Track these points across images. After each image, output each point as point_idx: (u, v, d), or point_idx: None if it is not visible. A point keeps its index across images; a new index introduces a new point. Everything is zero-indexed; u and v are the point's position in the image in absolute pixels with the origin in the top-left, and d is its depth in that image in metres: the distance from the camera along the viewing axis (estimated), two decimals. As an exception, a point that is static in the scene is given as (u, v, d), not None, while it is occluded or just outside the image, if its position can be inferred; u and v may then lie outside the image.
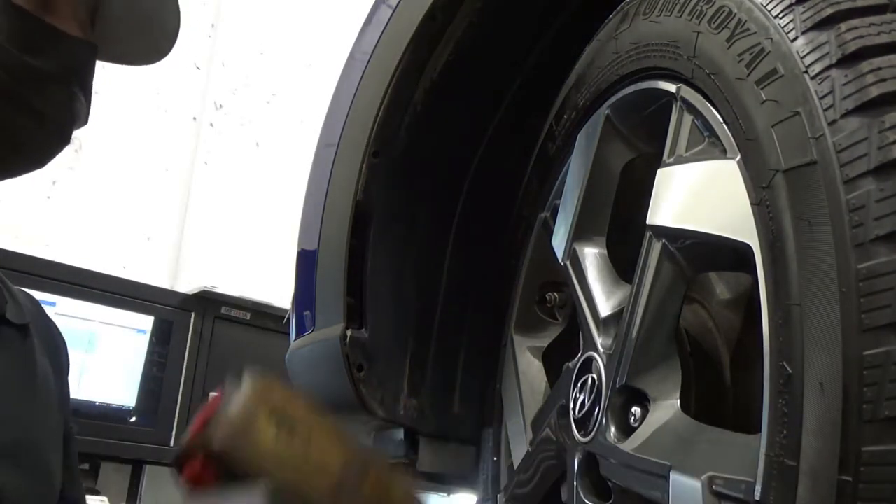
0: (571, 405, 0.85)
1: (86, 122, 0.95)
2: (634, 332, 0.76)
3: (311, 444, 0.61)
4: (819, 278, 0.53)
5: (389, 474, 0.67)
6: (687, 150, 0.74)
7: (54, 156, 0.93)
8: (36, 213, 2.87)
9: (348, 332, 1.10)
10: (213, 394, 0.61)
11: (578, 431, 0.83)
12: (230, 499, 0.58)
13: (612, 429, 0.77)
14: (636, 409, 0.76)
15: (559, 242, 0.96)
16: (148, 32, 1.00)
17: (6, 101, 0.85)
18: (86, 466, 2.43)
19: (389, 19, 1.10)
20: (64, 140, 0.93)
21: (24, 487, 0.89)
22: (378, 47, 1.12)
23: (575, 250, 0.92)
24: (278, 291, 2.81)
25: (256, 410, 0.60)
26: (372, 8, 1.17)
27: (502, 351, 1.12)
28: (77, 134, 0.96)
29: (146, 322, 2.68)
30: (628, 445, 0.74)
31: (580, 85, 1.00)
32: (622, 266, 0.88)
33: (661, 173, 0.76)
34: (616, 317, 0.82)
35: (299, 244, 1.27)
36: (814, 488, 0.50)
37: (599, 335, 0.84)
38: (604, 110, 0.92)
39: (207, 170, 3.31)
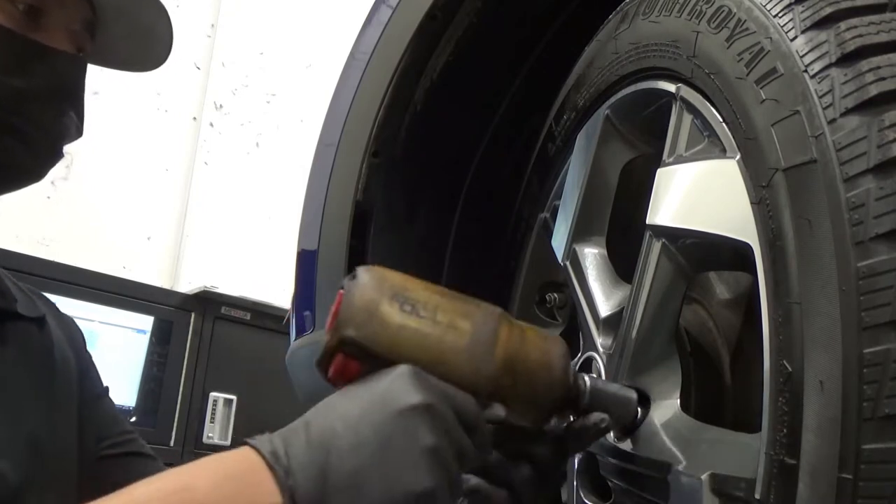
0: (571, 405, 0.85)
1: (79, 135, 0.96)
2: (634, 332, 0.76)
3: (437, 316, 0.63)
4: (819, 276, 0.53)
5: (520, 325, 0.67)
6: (687, 150, 0.75)
7: (46, 171, 0.94)
8: (36, 213, 2.88)
9: (348, 332, 1.10)
10: (339, 290, 0.64)
11: (578, 431, 0.83)
12: (377, 381, 0.60)
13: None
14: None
15: (559, 242, 0.96)
16: (143, 41, 1.02)
17: None
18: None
19: (389, 19, 1.10)
20: (53, 156, 0.94)
21: (43, 475, 0.90)
22: (378, 47, 1.12)
23: (575, 250, 0.92)
24: (278, 291, 2.82)
25: (378, 296, 0.62)
26: (372, 8, 1.17)
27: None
28: (68, 148, 0.97)
29: (146, 322, 2.69)
30: (628, 445, 0.74)
31: (580, 85, 1.00)
32: (622, 266, 0.88)
33: (661, 173, 0.76)
34: (616, 317, 0.82)
35: (299, 244, 1.27)
36: (814, 486, 0.50)
37: (599, 335, 0.84)
38: (603, 110, 0.92)
39: (207, 170, 3.32)
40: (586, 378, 0.70)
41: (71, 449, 0.99)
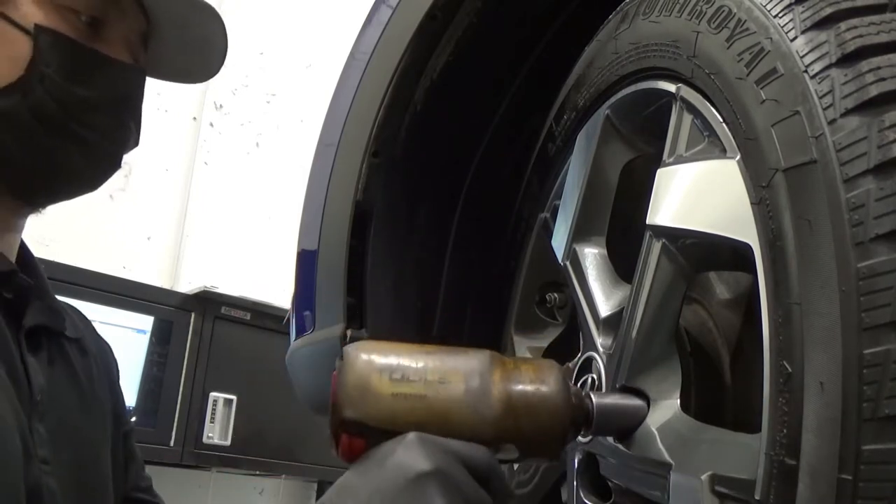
0: (571, 405, 0.85)
1: (136, 145, 0.97)
2: (634, 332, 0.76)
3: (428, 375, 0.65)
4: (819, 277, 0.53)
5: (513, 361, 0.69)
6: (687, 150, 0.74)
7: (104, 180, 0.96)
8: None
9: (348, 332, 1.10)
10: (334, 372, 0.66)
11: (578, 431, 0.83)
12: (385, 454, 0.62)
13: (612, 428, 0.77)
14: (636, 409, 0.76)
15: (559, 242, 0.96)
16: (197, 51, 1.02)
17: (54, 131, 0.87)
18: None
19: (389, 19, 1.10)
20: (113, 165, 0.95)
21: (83, 494, 0.90)
22: (378, 47, 1.12)
23: (575, 250, 0.92)
24: (278, 291, 2.82)
25: (368, 370, 0.64)
26: (372, 8, 1.17)
27: (502, 352, 1.12)
28: (127, 158, 0.98)
29: (146, 322, 2.68)
30: (628, 445, 0.74)
31: (580, 85, 1.00)
32: (622, 266, 0.88)
33: (661, 173, 0.76)
34: (616, 317, 0.82)
35: (299, 244, 1.27)
36: (813, 487, 0.50)
37: (599, 335, 0.84)
38: (603, 110, 0.92)
39: (207, 170, 3.31)
40: (592, 396, 0.71)
41: (107, 481, 0.98)
